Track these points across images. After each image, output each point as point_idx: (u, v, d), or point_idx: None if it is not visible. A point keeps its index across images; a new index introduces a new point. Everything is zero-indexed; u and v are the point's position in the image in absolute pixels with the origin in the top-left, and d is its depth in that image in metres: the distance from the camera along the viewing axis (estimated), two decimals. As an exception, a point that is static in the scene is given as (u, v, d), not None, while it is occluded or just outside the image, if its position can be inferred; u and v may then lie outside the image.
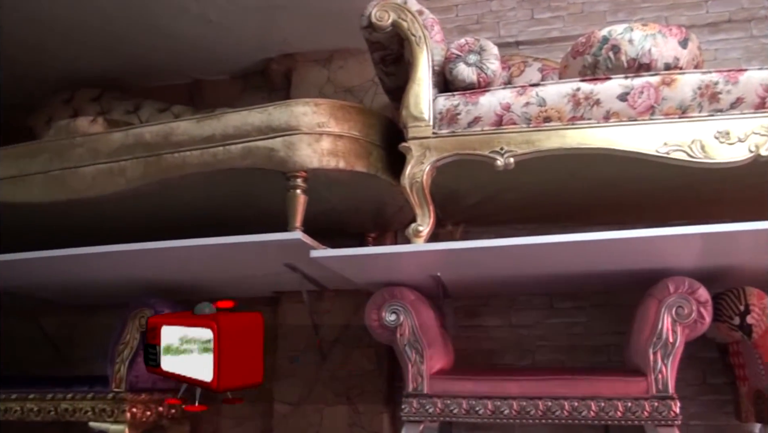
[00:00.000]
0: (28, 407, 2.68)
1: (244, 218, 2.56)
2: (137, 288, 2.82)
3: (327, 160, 2.23)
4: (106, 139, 2.49)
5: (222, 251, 2.30)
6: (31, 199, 2.58)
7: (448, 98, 2.29)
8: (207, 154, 2.30)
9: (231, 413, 3.06)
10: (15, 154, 2.67)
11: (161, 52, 3.37)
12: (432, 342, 2.38)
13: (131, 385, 2.57)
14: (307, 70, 3.26)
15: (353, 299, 2.93)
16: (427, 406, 2.30)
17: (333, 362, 2.92)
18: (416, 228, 2.21)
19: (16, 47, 3.37)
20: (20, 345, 3.49)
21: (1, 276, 2.80)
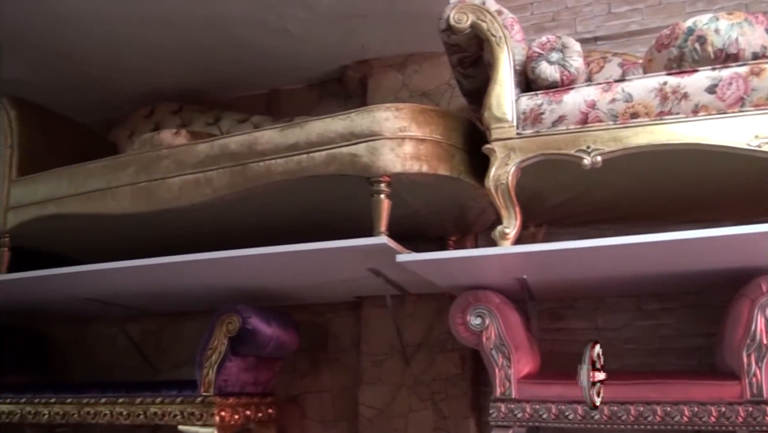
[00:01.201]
0: (117, 411, 2.76)
1: (327, 224, 2.59)
2: (223, 295, 2.88)
3: (410, 164, 2.22)
4: (191, 151, 2.54)
5: (308, 256, 2.31)
6: (119, 210, 2.66)
7: (531, 98, 2.26)
8: (291, 162, 2.33)
9: (317, 417, 3.09)
10: (102, 168, 2.76)
11: (239, 64, 3.44)
12: (519, 346, 2.34)
13: (220, 389, 2.61)
14: (383, 76, 3.27)
15: (436, 303, 2.92)
16: (516, 411, 2.27)
17: (417, 367, 2.91)
18: (503, 230, 2.18)
19: (98, 66, 3.51)
20: (108, 352, 3.62)
21: (90, 286, 2.91)
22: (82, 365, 3.69)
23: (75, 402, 2.84)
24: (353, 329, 3.11)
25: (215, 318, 2.62)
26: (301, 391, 3.16)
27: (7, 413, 3.00)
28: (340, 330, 3.15)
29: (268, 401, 2.91)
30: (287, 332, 2.81)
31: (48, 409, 2.90)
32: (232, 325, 2.57)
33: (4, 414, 3.00)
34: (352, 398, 3.02)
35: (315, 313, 3.19)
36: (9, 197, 3.00)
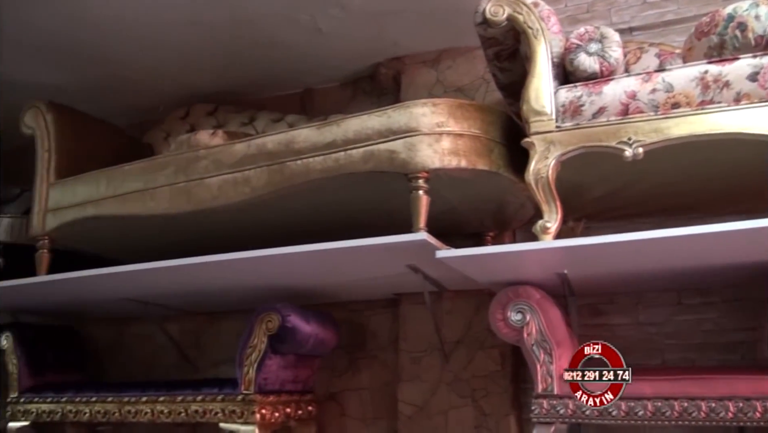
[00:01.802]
0: (158, 409, 2.78)
1: (365, 222, 2.58)
2: (261, 294, 2.90)
3: (448, 160, 2.21)
4: (229, 151, 2.56)
5: (347, 254, 2.32)
6: (157, 211, 2.68)
7: (570, 90, 2.23)
8: (329, 160, 2.33)
9: (357, 414, 3.09)
10: (140, 169, 2.79)
11: (272, 64, 3.46)
12: (560, 341, 2.31)
13: (260, 387, 2.62)
14: (416, 72, 3.25)
15: (474, 299, 2.90)
16: (558, 407, 2.23)
17: (456, 364, 2.89)
18: (544, 225, 2.16)
19: (132, 69, 3.57)
20: (147, 351, 3.66)
21: (129, 286, 2.94)
22: (121, 364, 3.74)
23: (116, 401, 2.87)
24: (391, 327, 3.11)
25: (255, 317, 2.63)
26: (340, 388, 3.16)
27: (48, 412, 3.05)
28: (378, 328, 3.15)
29: (308, 398, 2.92)
30: (326, 330, 2.82)
31: (89, 408, 2.94)
32: (272, 323, 2.58)
33: (45, 413, 3.05)
34: (391, 395, 3.02)
35: (352, 311, 3.20)
36: (48, 200, 3.04)
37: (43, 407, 3.07)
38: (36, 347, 3.29)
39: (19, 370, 3.18)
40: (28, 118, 3.26)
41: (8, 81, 3.70)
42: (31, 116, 3.25)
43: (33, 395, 3.12)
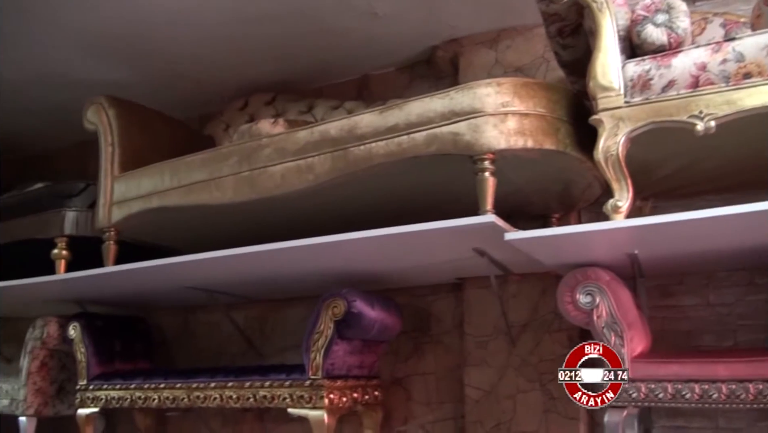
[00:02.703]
0: (227, 394, 2.82)
1: (429, 206, 2.57)
2: (325, 280, 2.91)
3: (514, 140, 2.17)
4: (291, 138, 2.56)
5: (413, 238, 2.30)
6: (222, 200, 2.71)
7: (639, 63, 2.17)
8: (392, 144, 2.31)
9: (423, 399, 3.09)
10: (204, 160, 2.82)
11: (329, 51, 3.46)
12: (631, 324, 2.26)
13: (327, 372, 2.64)
14: (474, 54, 3.21)
15: (540, 282, 2.87)
16: (630, 391, 2.19)
17: (523, 348, 2.86)
18: (615, 204, 2.11)
19: (190, 63, 3.62)
20: (213, 339, 3.72)
21: (195, 275, 2.98)
22: (188, 352, 3.81)
23: (185, 387, 2.93)
24: (455, 311, 3.09)
25: (321, 303, 2.64)
26: (405, 374, 3.16)
27: (117, 399, 3.13)
28: (442, 312, 3.13)
29: (374, 383, 2.93)
30: (390, 315, 2.81)
31: (158, 394, 3.00)
32: (338, 309, 2.59)
33: (114, 400, 3.14)
34: (456, 380, 3.00)
35: (415, 296, 3.18)
36: (113, 193, 3.10)
37: (112, 393, 3.15)
38: (104, 336, 3.38)
39: (87, 359, 3.27)
40: (90, 113, 3.32)
41: (68, 79, 3.79)
42: (93, 112, 3.31)
43: (102, 382, 3.21)
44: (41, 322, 3.54)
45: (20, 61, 3.66)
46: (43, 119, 4.44)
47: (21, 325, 4.44)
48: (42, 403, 3.53)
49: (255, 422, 3.48)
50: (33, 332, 3.55)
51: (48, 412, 3.56)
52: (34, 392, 3.52)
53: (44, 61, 3.66)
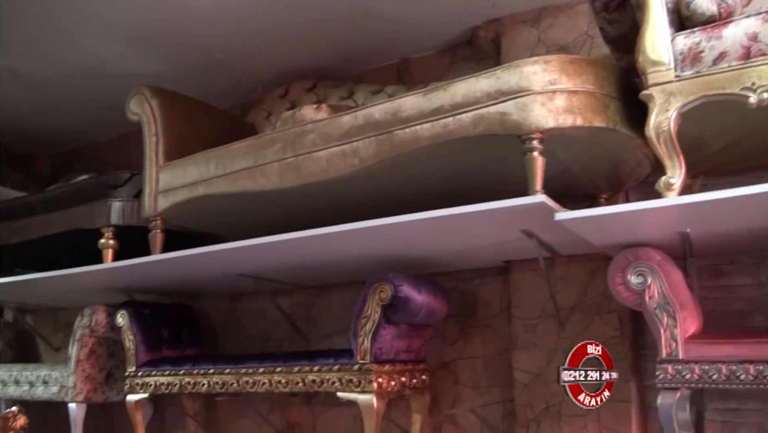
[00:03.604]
0: (275, 379, 2.85)
1: (475, 188, 2.54)
2: (370, 265, 2.91)
3: (563, 119, 2.13)
4: (335, 123, 2.55)
5: (461, 220, 2.28)
6: (268, 187, 2.71)
7: (688, 36, 2.11)
8: (438, 126, 2.29)
9: (471, 382, 3.08)
10: (248, 147, 2.82)
11: (368, 36, 3.44)
12: (684, 304, 2.22)
13: (375, 356, 2.64)
14: (516, 33, 3.16)
15: (588, 264, 2.83)
16: (684, 372, 2.15)
17: (572, 330, 2.83)
18: (668, 181, 2.07)
19: (230, 52, 3.64)
20: (259, 325, 3.75)
21: (242, 261, 3.00)
22: (235, 339, 3.85)
23: (234, 372, 2.95)
24: (502, 294, 3.06)
25: (367, 287, 2.64)
26: (452, 357, 3.15)
27: (166, 384, 3.18)
28: (489, 296, 3.11)
29: (422, 367, 2.92)
30: (437, 299, 2.81)
31: (207, 379, 3.04)
32: (384, 293, 2.59)
33: (163, 385, 3.18)
34: (504, 363, 2.99)
35: (461, 279, 3.17)
36: (158, 182, 3.13)
37: (161, 379, 3.20)
38: (152, 323, 3.43)
39: (135, 346, 3.33)
40: (133, 104, 3.35)
41: (109, 72, 3.85)
42: (136, 103, 3.34)
43: (151, 369, 3.26)
44: (89, 311, 3.61)
45: (61, 56, 3.73)
46: (85, 112, 4.51)
47: (67, 315, 4.56)
48: (91, 389, 3.61)
49: (303, 406, 3.51)
50: (81, 321, 3.62)
51: (97, 398, 3.64)
52: (84, 379, 3.59)
53: (85, 55, 3.72)
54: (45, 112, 4.53)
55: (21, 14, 3.27)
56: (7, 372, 3.92)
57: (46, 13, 3.28)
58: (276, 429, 3.53)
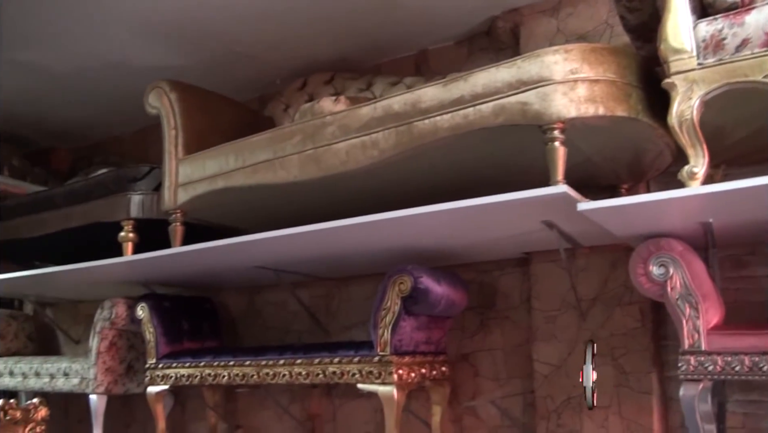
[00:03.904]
0: (296, 371, 2.85)
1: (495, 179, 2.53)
2: (389, 257, 2.92)
3: (585, 108, 2.11)
4: (355, 115, 2.55)
5: (482, 211, 2.27)
6: (288, 179, 2.71)
7: (710, 23, 2.07)
8: (458, 117, 2.27)
9: (491, 374, 3.08)
10: (267, 140, 2.82)
11: (386, 27, 3.43)
12: (706, 295, 2.20)
13: (395, 348, 2.64)
14: (535, 23, 3.13)
15: (609, 255, 2.81)
16: (706, 364, 2.12)
17: (593, 322, 2.81)
18: (691, 170, 2.05)
19: (247, 44, 3.64)
20: (279, 318, 3.77)
21: (261, 254, 3.00)
22: (254, 331, 3.87)
23: (254, 364, 2.96)
24: (522, 286, 3.05)
25: (387, 279, 2.64)
26: (472, 349, 3.14)
27: (187, 376, 3.19)
28: (508, 287, 3.10)
29: (441, 359, 2.92)
30: (456, 291, 2.80)
31: (227, 371, 3.05)
32: (404, 285, 2.58)
33: (183, 377, 3.20)
34: (524, 355, 2.98)
35: (481, 271, 3.16)
36: (178, 175, 3.14)
37: (182, 371, 3.22)
38: (172, 316, 3.45)
39: (156, 338, 3.35)
40: (152, 98, 3.36)
41: (128, 66, 3.87)
42: (155, 96, 3.35)
43: (171, 361, 3.28)
44: (109, 303, 3.63)
45: (80, 50, 3.75)
46: (104, 106, 4.55)
47: (87, 308, 4.60)
48: (112, 381, 3.64)
49: (323, 397, 3.53)
50: (102, 313, 3.65)
51: (118, 390, 3.67)
52: (104, 371, 3.62)
53: (103, 49, 3.74)
54: (64, 106, 4.57)
55: (41, 8, 3.30)
56: (28, 365, 3.96)
57: (65, 7, 3.30)
58: (296, 420, 3.54)
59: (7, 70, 4.01)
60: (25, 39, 3.60)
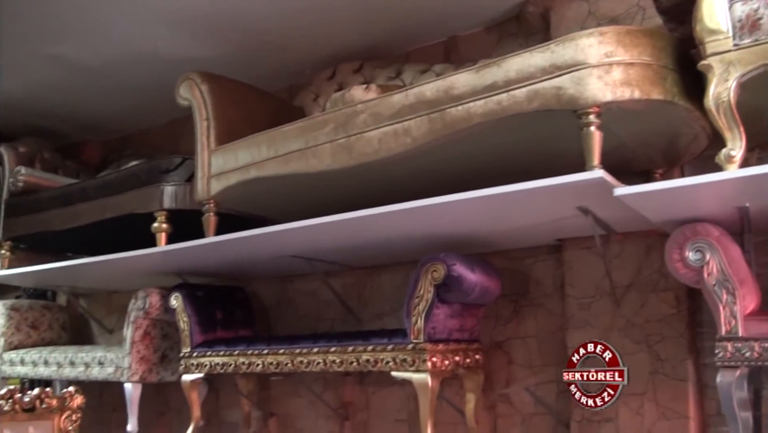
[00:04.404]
0: (330, 359, 2.87)
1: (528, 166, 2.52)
2: (421, 246, 2.92)
3: (621, 92, 2.09)
4: (386, 103, 2.54)
5: (517, 198, 2.26)
6: (320, 168, 2.72)
7: (746, 2, 2.04)
8: (491, 103, 2.26)
9: (524, 362, 3.07)
10: (299, 129, 2.83)
11: (415, 15, 3.41)
12: (743, 281, 2.18)
13: (429, 336, 2.64)
14: (566, 7, 3.08)
15: (643, 241, 2.78)
16: (744, 350, 2.10)
17: (628, 309, 2.78)
18: (728, 153, 2.02)
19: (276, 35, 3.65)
20: (311, 307, 3.79)
21: (294, 243, 3.02)
22: (286, 320, 3.89)
23: (288, 353, 2.99)
24: (555, 273, 3.03)
25: (420, 267, 2.64)
26: (505, 337, 3.13)
27: (221, 365, 3.22)
28: (542, 275, 3.08)
29: (475, 347, 2.92)
30: (490, 279, 2.80)
31: (261, 360, 3.08)
32: (437, 273, 2.58)
33: (218, 366, 3.23)
34: (558, 342, 2.96)
35: (514, 259, 3.14)
36: (210, 166, 3.16)
37: (216, 360, 3.25)
38: (205, 305, 3.48)
39: (190, 327, 3.38)
40: (183, 90, 3.38)
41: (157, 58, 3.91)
42: (186, 88, 3.37)
43: (206, 349, 3.31)
44: (143, 293, 3.68)
45: (110, 42, 3.80)
46: (134, 99, 4.60)
47: (120, 298, 4.67)
48: (146, 370, 3.69)
49: (355, 385, 3.54)
50: (136, 303, 3.69)
51: (152, 378, 3.73)
52: (138, 360, 3.67)
53: (133, 41, 3.78)
54: (95, 99, 4.63)
55: (71, 3, 3.34)
56: (63, 354, 4.03)
57: (96, 1, 3.33)
58: (330, 408, 3.56)
59: (37, 64, 4.08)
60: (55, 33, 3.65)
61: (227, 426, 4.00)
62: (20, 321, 4.52)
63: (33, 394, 2.91)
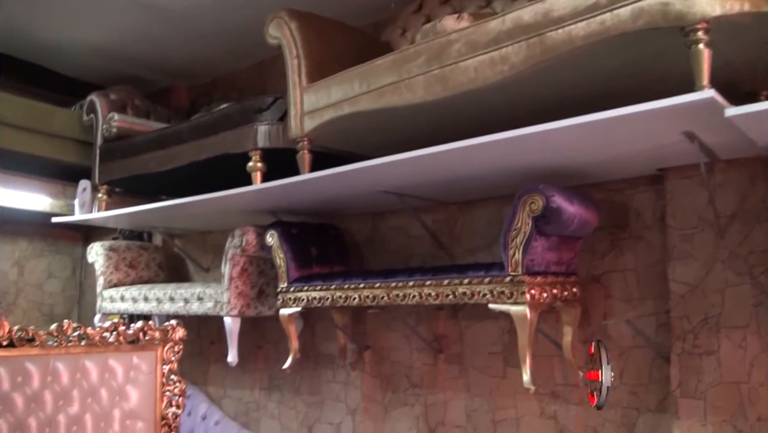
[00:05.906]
0: (425, 292, 2.88)
1: (629, 89, 2.42)
2: (514, 178, 2.88)
3: (730, 5, 1.97)
4: (481, 30, 2.48)
5: (620, 123, 2.18)
6: (414, 100, 2.69)
7: None
8: (593, 24, 2.17)
9: (622, 295, 3.02)
10: (391, 63, 2.80)
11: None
12: None
13: (527, 268, 2.62)
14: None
15: (747, 170, 2.66)
16: None
17: (731, 240, 2.68)
18: None
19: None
20: (402, 242, 3.82)
21: (386, 178, 3.03)
22: (378, 255, 3.93)
23: (384, 286, 3.02)
24: (655, 204, 2.94)
25: (517, 199, 2.60)
26: (602, 270, 3.08)
27: (318, 299, 3.30)
28: (641, 206, 2.99)
29: (572, 280, 2.88)
30: (588, 210, 2.74)
31: (357, 293, 3.13)
32: (535, 204, 2.54)
33: (315, 300, 3.31)
34: (658, 275, 2.89)
35: (611, 190, 3.06)
36: (303, 104, 3.18)
37: (313, 294, 3.33)
38: (300, 242, 3.55)
39: (286, 263, 3.46)
40: (272, 28, 3.38)
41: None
42: (275, 27, 3.37)
43: (302, 284, 3.39)
44: (239, 231, 3.78)
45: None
46: (219, 43, 4.66)
47: (215, 238, 4.83)
48: (244, 305, 3.83)
49: (449, 319, 3.56)
50: (233, 241, 3.80)
51: (250, 312, 3.86)
52: (237, 295, 3.81)
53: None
54: (181, 44, 4.72)
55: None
56: (162, 291, 4.21)
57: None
58: (424, 341, 3.61)
59: (124, 11, 4.16)
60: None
61: (324, 357, 4.12)
62: (118, 261, 4.75)
63: (136, 326, 3.06)
